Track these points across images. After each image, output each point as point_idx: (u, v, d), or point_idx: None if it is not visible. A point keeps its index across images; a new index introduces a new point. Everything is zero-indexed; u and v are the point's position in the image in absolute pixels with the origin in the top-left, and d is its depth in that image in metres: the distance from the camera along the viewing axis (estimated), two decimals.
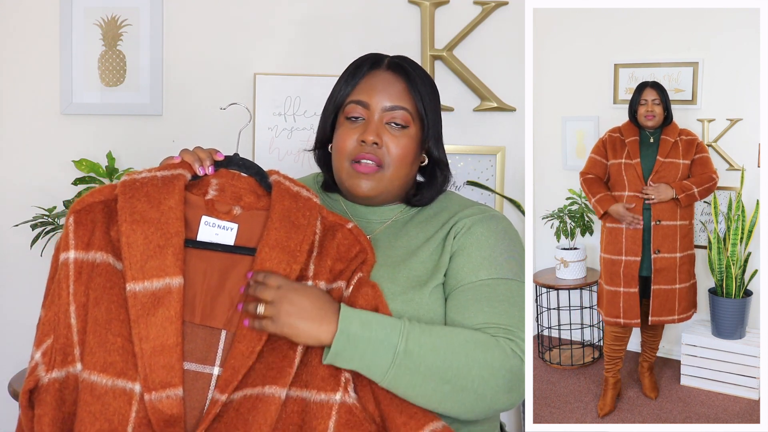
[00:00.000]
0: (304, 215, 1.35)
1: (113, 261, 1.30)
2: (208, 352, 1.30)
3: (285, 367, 1.28)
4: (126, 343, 1.26)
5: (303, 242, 1.33)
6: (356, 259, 1.38)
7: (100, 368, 1.25)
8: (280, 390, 1.27)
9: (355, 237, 1.39)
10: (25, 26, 2.46)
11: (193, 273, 1.31)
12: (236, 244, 1.35)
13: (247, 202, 1.38)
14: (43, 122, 2.47)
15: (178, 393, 1.25)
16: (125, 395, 1.25)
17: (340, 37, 2.50)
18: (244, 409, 1.26)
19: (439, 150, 1.55)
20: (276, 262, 1.30)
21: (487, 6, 2.52)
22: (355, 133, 1.48)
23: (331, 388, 1.29)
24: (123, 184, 1.33)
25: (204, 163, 1.40)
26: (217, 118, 2.48)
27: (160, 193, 1.32)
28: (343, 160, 1.49)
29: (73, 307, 1.29)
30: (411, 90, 1.50)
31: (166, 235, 1.29)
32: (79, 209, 1.32)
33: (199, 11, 2.50)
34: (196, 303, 1.30)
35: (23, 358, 2.41)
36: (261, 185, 1.41)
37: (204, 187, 1.39)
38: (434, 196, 1.56)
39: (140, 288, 1.26)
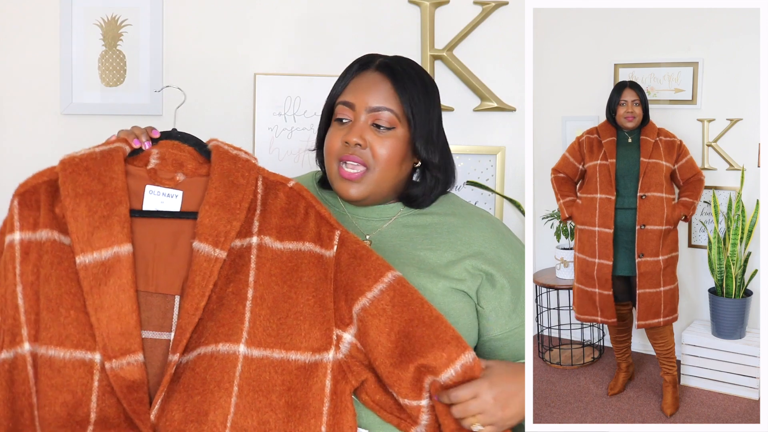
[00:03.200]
0: (243, 175, 1.37)
1: (58, 237, 1.32)
2: (164, 319, 1.31)
3: (236, 323, 1.29)
4: (80, 314, 1.27)
5: (242, 200, 1.34)
6: (308, 215, 1.38)
7: (57, 342, 1.27)
8: (234, 346, 1.27)
9: (297, 193, 1.40)
10: (25, 26, 2.46)
11: (143, 242, 1.33)
12: (182, 209, 1.37)
13: (189, 168, 1.40)
14: (43, 122, 2.47)
15: (138, 359, 1.26)
16: (85, 365, 1.26)
17: (340, 37, 2.50)
18: (200, 369, 1.27)
19: (429, 152, 1.52)
20: (216, 219, 1.31)
21: (487, 6, 2.52)
22: (341, 133, 1.49)
23: (324, 348, 1.31)
24: (62, 162, 1.36)
25: (140, 137, 1.41)
26: (217, 118, 2.48)
27: (100, 165, 1.34)
28: (332, 161, 1.50)
29: (20, 287, 1.30)
30: (398, 91, 1.49)
31: (110, 205, 1.30)
32: (23, 191, 1.36)
33: (199, 11, 2.50)
34: (149, 272, 1.32)
35: None
36: (201, 154, 1.42)
37: (145, 158, 1.40)
38: (425, 198, 1.55)
39: (90, 260, 1.28)
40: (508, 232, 1.59)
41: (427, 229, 1.52)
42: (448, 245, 1.49)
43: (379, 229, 1.53)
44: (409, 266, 1.46)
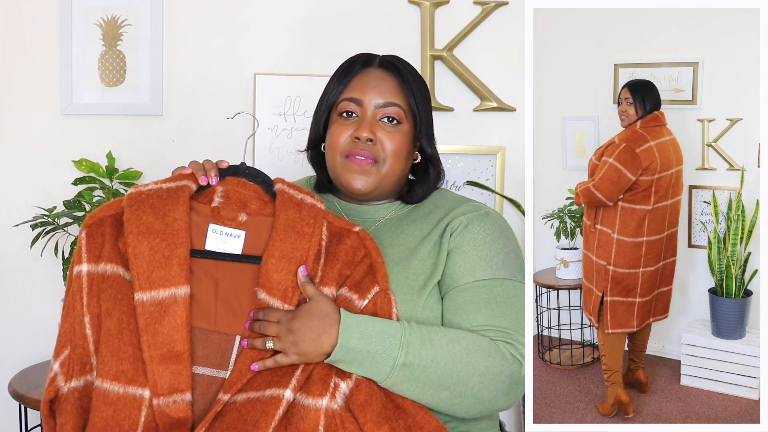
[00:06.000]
0: (309, 223, 1.37)
1: (123, 272, 1.34)
2: (223, 357, 1.32)
3: (289, 371, 1.30)
4: (136, 351, 1.29)
5: (309, 251, 1.35)
6: (361, 264, 1.38)
7: (113, 376, 1.29)
8: (280, 391, 1.28)
9: (361, 240, 1.40)
10: (25, 26, 2.46)
11: (205, 282, 1.34)
12: (244, 250, 1.38)
13: (253, 208, 1.40)
14: (43, 122, 2.47)
15: (185, 398, 1.28)
16: (135, 401, 1.28)
17: (340, 37, 2.50)
18: (245, 411, 1.28)
19: (432, 147, 1.56)
20: (283, 273, 1.33)
21: (487, 6, 2.52)
22: (348, 129, 1.49)
23: (319, 393, 1.30)
24: (129, 197, 1.37)
25: (208, 173, 1.41)
26: (217, 118, 2.48)
27: (165, 204, 1.35)
28: (336, 155, 1.50)
29: (88, 317, 1.33)
30: (403, 87, 1.51)
31: (171, 246, 1.32)
32: (91, 224, 1.37)
33: (199, 11, 2.50)
34: (211, 310, 1.33)
35: (23, 358, 2.42)
36: (267, 193, 1.42)
37: (209, 195, 1.41)
38: (427, 192, 1.57)
39: (147, 298, 1.30)
40: (499, 217, 1.56)
41: (418, 219, 1.53)
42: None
43: (373, 228, 1.53)
44: (400, 274, 1.44)
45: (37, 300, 2.47)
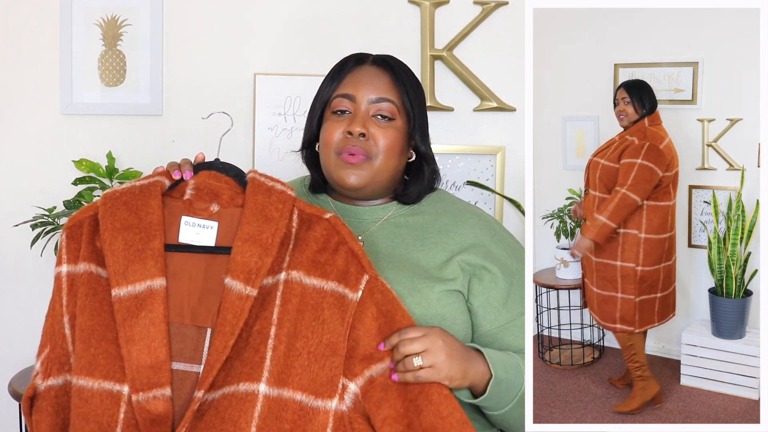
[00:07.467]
0: (277, 208, 1.36)
1: (95, 269, 1.34)
2: (196, 351, 1.31)
3: (257, 362, 1.28)
4: (111, 346, 1.29)
5: (275, 234, 1.33)
6: (339, 251, 1.36)
7: (87, 372, 1.28)
8: (254, 386, 1.26)
9: (332, 227, 1.38)
10: (25, 26, 2.46)
11: (179, 275, 1.34)
12: (217, 241, 1.37)
13: (225, 198, 1.40)
14: (43, 122, 2.48)
15: (165, 393, 1.27)
16: (112, 397, 1.27)
17: (340, 37, 2.50)
18: (222, 408, 1.26)
19: (426, 145, 1.55)
20: (248, 255, 1.31)
21: (487, 6, 2.52)
22: (341, 125, 1.49)
23: (328, 395, 1.29)
24: (104, 196, 1.38)
25: (182, 168, 1.42)
26: (217, 118, 2.48)
27: (138, 200, 1.36)
28: (330, 152, 1.50)
29: (66, 317, 1.34)
30: (396, 83, 1.52)
31: (145, 239, 1.32)
32: (70, 225, 1.38)
33: (199, 11, 2.51)
34: (184, 304, 1.33)
35: (23, 358, 2.42)
36: (239, 184, 1.42)
37: (182, 189, 1.41)
38: (423, 192, 1.56)
39: (124, 293, 1.30)
40: (500, 227, 1.59)
41: (419, 230, 1.52)
42: (441, 246, 1.49)
43: (371, 230, 1.53)
44: (404, 270, 1.45)
45: (37, 300, 2.46)
